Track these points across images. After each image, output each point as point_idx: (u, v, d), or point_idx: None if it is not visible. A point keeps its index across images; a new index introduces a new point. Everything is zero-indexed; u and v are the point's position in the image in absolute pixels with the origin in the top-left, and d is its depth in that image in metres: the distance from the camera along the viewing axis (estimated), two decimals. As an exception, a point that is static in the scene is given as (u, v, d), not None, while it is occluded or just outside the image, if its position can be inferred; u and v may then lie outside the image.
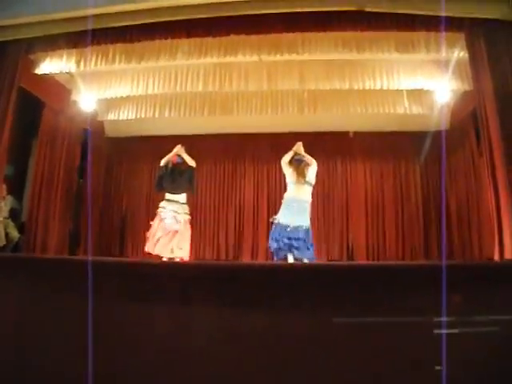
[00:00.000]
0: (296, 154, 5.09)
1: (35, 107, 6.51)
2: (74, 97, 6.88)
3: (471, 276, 2.58)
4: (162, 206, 5.38)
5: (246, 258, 7.59)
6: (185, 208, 5.45)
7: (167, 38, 5.30)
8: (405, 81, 5.96)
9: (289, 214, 4.87)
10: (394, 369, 2.39)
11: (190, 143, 6.11)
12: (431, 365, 2.24)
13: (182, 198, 5.45)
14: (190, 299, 2.66)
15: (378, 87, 5.99)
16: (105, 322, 2.64)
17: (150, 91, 6.43)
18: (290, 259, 4.74)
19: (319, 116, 7.08)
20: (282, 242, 4.73)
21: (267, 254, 6.67)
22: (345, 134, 7.99)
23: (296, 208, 4.87)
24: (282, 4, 4.83)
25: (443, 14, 4.47)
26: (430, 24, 4.75)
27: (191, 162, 5.49)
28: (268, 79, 6.11)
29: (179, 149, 5.54)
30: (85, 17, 4.95)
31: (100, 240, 7.83)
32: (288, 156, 5.10)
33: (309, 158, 5.04)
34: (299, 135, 6.73)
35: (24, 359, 2.79)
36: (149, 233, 5.35)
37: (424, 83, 5.97)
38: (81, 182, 7.50)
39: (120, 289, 2.83)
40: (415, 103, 6.66)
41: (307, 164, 5.01)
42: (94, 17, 4.90)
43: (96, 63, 5.70)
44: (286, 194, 5.04)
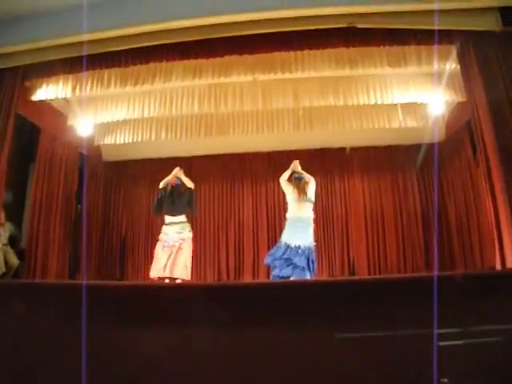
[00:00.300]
0: (294, 172, 5.09)
1: (32, 133, 6.53)
2: (71, 122, 6.90)
3: (473, 286, 2.55)
4: (164, 232, 5.38)
5: (247, 277, 7.53)
6: (187, 226, 5.43)
7: (162, 61, 5.34)
8: (398, 94, 6.01)
9: (293, 234, 4.83)
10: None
11: (188, 165, 6.16)
12: (433, 378, 2.21)
13: (183, 218, 5.43)
14: (191, 321, 2.62)
15: (373, 102, 6.02)
16: (105, 346, 2.60)
17: (146, 114, 6.45)
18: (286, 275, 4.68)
19: (315, 133, 7.11)
20: (281, 260, 4.69)
21: (268, 273, 6.62)
22: (341, 150, 8.02)
23: (300, 227, 4.84)
24: (274, 24, 4.89)
25: (433, 28, 4.54)
26: (421, 38, 4.83)
27: (190, 184, 5.51)
28: (263, 98, 6.14)
29: (177, 171, 5.59)
30: (79, 42, 5.01)
31: (100, 263, 7.79)
32: (286, 174, 5.11)
33: (307, 176, 5.05)
34: (296, 152, 6.79)
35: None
36: (153, 260, 5.34)
37: (417, 96, 6.02)
38: (79, 208, 7.47)
39: (119, 313, 2.79)
40: (410, 116, 6.70)
41: (306, 182, 5.01)
42: (89, 42, 4.95)
43: (92, 88, 5.72)
44: (289, 214, 5.00)
